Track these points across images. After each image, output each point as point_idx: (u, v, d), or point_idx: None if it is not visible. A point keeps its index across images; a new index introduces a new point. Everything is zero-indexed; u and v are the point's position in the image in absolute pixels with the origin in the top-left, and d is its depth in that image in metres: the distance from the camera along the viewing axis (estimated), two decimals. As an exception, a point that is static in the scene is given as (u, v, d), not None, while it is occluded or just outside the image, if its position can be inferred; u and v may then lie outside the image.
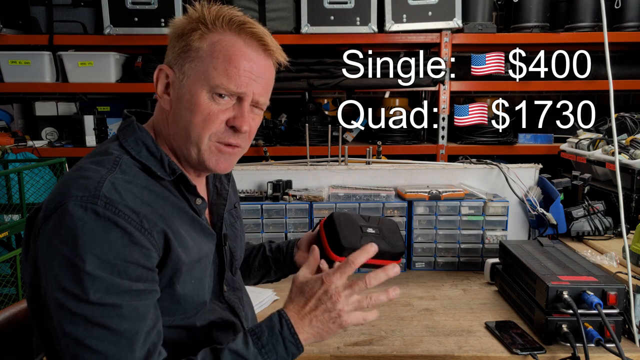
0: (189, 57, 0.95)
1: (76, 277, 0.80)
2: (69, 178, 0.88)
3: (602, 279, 1.36)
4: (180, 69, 0.96)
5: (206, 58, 0.94)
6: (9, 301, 2.18)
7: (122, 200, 0.85)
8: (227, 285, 1.09)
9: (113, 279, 0.81)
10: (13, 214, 2.48)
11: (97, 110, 3.32)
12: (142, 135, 0.97)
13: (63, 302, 0.80)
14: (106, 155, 0.93)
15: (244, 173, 2.08)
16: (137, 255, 0.84)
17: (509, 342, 1.35)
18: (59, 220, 0.82)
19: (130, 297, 0.83)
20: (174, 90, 0.97)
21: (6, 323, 1.21)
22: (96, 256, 0.80)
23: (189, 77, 0.95)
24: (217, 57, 0.93)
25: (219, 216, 1.09)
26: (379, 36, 3.13)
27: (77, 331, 0.80)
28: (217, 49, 0.94)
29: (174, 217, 0.94)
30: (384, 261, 1.11)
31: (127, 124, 0.99)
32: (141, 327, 0.84)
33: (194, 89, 0.94)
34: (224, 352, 0.88)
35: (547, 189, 2.04)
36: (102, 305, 0.80)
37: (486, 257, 1.87)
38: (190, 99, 0.94)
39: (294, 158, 2.49)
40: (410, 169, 2.11)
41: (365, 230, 1.17)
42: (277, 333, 0.90)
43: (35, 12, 3.17)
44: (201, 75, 0.93)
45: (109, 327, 0.81)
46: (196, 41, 0.94)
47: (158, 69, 0.98)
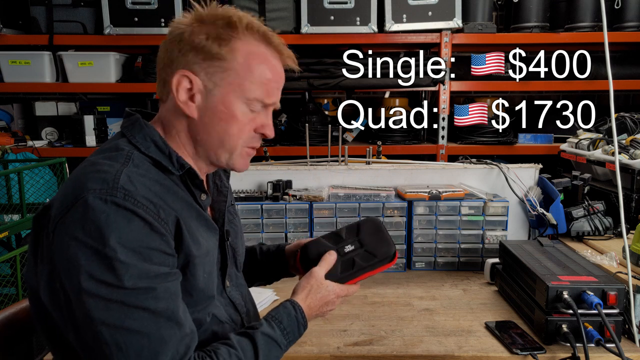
0: (221, 67, 0.96)
1: (108, 266, 0.81)
2: (83, 173, 0.90)
3: (602, 279, 1.36)
4: (210, 78, 0.96)
5: (241, 71, 0.96)
6: (9, 301, 2.18)
7: (138, 191, 0.87)
8: (229, 281, 1.11)
9: (143, 264, 0.84)
10: (13, 214, 2.48)
11: (97, 110, 3.33)
12: (150, 131, 0.99)
13: (95, 291, 0.81)
14: (117, 151, 0.94)
15: (244, 173, 2.08)
16: (158, 242, 0.87)
17: (509, 342, 1.35)
18: (81, 213, 0.83)
19: (161, 280, 0.86)
20: (201, 98, 0.97)
21: (6, 323, 1.21)
22: (123, 245, 0.83)
23: (222, 87, 0.96)
24: (254, 71, 0.97)
25: (220, 212, 1.12)
26: (379, 36, 3.13)
27: (114, 317, 0.82)
28: (253, 63, 0.97)
29: (184, 210, 0.96)
30: (377, 270, 1.17)
31: (132, 122, 1.00)
32: (176, 305, 0.88)
33: (229, 100, 0.97)
34: (257, 335, 0.97)
35: (547, 189, 2.04)
36: (136, 289, 0.83)
37: (486, 257, 1.87)
38: (224, 110, 0.97)
39: (294, 158, 2.48)
40: (410, 169, 2.11)
41: (343, 250, 1.17)
42: (293, 318, 1.05)
43: (35, 12, 3.17)
44: (237, 88, 0.96)
45: (147, 308, 0.83)
46: (228, 51, 0.95)
47: (180, 74, 0.96)
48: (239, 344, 0.95)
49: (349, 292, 1.15)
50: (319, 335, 1.42)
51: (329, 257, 1.15)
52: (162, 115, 1.03)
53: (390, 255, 1.18)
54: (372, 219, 1.24)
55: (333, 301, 1.12)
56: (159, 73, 1.01)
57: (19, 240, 2.65)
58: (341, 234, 1.21)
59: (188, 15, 0.99)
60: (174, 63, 0.97)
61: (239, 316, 1.10)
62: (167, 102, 1.00)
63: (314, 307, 1.10)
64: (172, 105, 0.99)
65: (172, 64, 0.97)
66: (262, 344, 0.96)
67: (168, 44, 0.98)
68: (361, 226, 1.21)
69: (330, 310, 1.14)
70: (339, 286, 1.13)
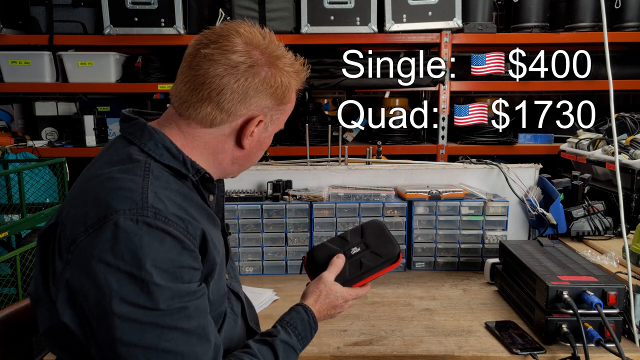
0: (283, 110, 1.03)
1: (144, 290, 0.81)
2: (101, 190, 0.86)
3: (602, 279, 1.36)
4: (271, 118, 1.01)
5: (288, 109, 1.04)
6: (9, 301, 2.18)
7: (167, 208, 0.86)
8: (228, 273, 1.11)
9: (176, 285, 0.84)
10: (13, 214, 2.48)
11: (97, 110, 3.33)
12: (160, 137, 0.96)
13: (128, 315, 0.80)
14: (132, 162, 0.91)
15: (244, 173, 2.04)
16: (189, 260, 0.87)
17: (509, 342, 1.35)
18: (111, 236, 0.81)
19: (191, 297, 0.86)
20: (258, 133, 1.01)
21: (6, 323, 1.21)
22: (158, 267, 0.82)
23: (275, 124, 1.03)
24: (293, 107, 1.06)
25: (219, 207, 1.12)
26: (379, 36, 3.13)
27: (148, 339, 0.81)
28: (294, 101, 1.05)
29: (202, 217, 0.95)
30: (384, 270, 1.19)
31: (139, 128, 0.96)
32: (205, 321, 0.89)
33: (273, 134, 1.05)
34: (277, 343, 1.00)
35: (547, 189, 2.04)
36: (170, 310, 0.83)
37: (486, 257, 1.87)
38: (268, 141, 1.05)
39: (294, 158, 2.48)
40: (410, 169, 2.11)
41: (349, 253, 1.20)
42: (306, 323, 1.08)
43: (35, 12, 3.17)
44: (281, 123, 1.05)
45: (180, 327, 0.84)
46: (290, 98, 1.02)
47: (258, 119, 0.98)
48: (260, 352, 0.97)
49: (358, 294, 1.17)
50: (319, 335, 1.41)
51: (338, 261, 1.17)
52: (197, 134, 0.98)
53: (395, 256, 1.20)
54: (375, 221, 1.26)
55: (341, 305, 1.15)
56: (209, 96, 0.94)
57: (19, 240, 2.65)
58: (346, 237, 1.23)
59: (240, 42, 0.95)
60: (248, 102, 0.96)
61: (239, 304, 1.12)
62: (217, 128, 0.97)
63: (323, 311, 1.13)
64: (223, 133, 0.98)
65: (244, 102, 0.95)
66: (281, 351, 1.00)
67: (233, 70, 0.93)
68: (365, 229, 1.24)
69: (339, 313, 1.16)
70: (348, 290, 1.15)
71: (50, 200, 2.83)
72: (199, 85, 0.93)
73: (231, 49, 0.93)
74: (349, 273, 1.17)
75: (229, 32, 0.95)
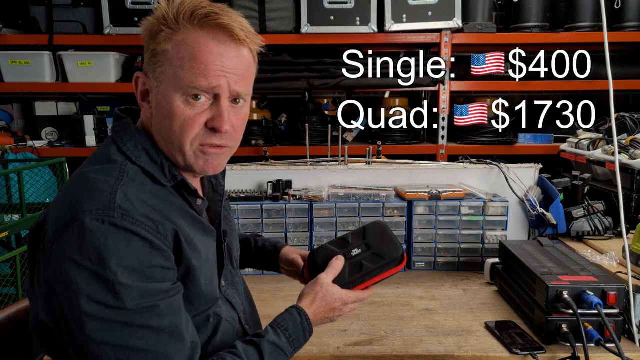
0: (159, 62, 0.92)
1: (109, 289, 0.81)
2: (76, 189, 0.87)
3: (602, 279, 1.36)
4: (154, 75, 0.94)
5: (173, 60, 0.91)
6: (9, 301, 2.18)
7: (136, 209, 0.86)
8: (225, 280, 1.10)
9: (144, 285, 0.84)
10: (13, 214, 2.48)
11: (97, 110, 3.32)
12: (142, 139, 0.96)
13: (96, 313, 0.81)
14: (109, 163, 0.92)
15: (244, 173, 2.08)
16: (159, 259, 0.86)
17: (509, 342, 1.35)
18: (78, 236, 0.82)
19: (163, 296, 0.86)
20: (152, 96, 0.95)
21: (6, 323, 1.22)
22: (124, 267, 0.82)
23: (162, 82, 0.93)
24: (183, 57, 0.90)
25: (216, 213, 1.10)
26: (379, 36, 3.13)
27: (118, 337, 0.81)
28: (182, 49, 0.90)
29: (181, 220, 0.94)
30: (388, 272, 1.15)
31: (123, 127, 0.98)
32: (179, 319, 0.88)
33: (168, 95, 0.91)
34: (264, 344, 0.96)
35: (547, 189, 2.04)
36: (139, 309, 0.83)
37: (486, 257, 1.87)
38: (166, 105, 0.92)
39: (294, 158, 2.49)
40: (410, 169, 2.11)
41: (349, 254, 1.16)
42: (299, 325, 1.04)
43: (35, 12, 3.17)
44: (172, 79, 0.91)
45: (150, 326, 0.83)
46: (162, 44, 0.91)
47: (135, 76, 0.97)
48: (245, 353, 0.95)
49: (358, 298, 1.13)
50: (319, 335, 1.42)
51: (336, 263, 1.13)
52: (146, 119, 1.00)
53: (399, 257, 1.16)
54: (377, 222, 1.23)
55: (340, 308, 1.10)
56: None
57: (19, 240, 2.65)
58: (347, 239, 1.20)
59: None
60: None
61: (236, 314, 1.10)
62: (142, 103, 1.00)
63: (320, 314, 1.08)
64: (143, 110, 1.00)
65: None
66: (268, 352, 0.96)
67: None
68: (367, 230, 1.21)
69: (339, 316, 1.12)
70: (346, 293, 1.11)
71: (50, 200, 2.82)
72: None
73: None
74: (348, 275, 1.13)
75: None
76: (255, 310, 1.22)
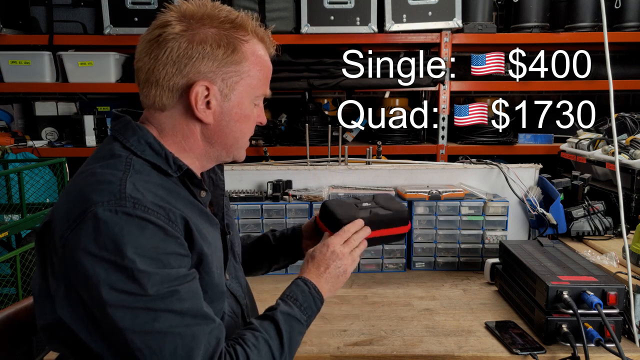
0: (236, 72, 0.97)
1: (130, 276, 0.82)
2: (84, 185, 0.88)
3: (602, 279, 1.36)
4: (226, 83, 0.97)
5: (252, 71, 0.99)
6: (9, 301, 2.18)
7: (146, 198, 0.87)
8: (229, 273, 1.11)
9: (163, 271, 0.85)
10: (13, 214, 2.48)
11: (97, 110, 3.32)
12: (144, 133, 0.97)
13: (119, 302, 0.82)
14: (114, 158, 0.93)
15: (244, 173, 2.08)
16: (174, 246, 0.88)
17: (509, 342, 1.35)
18: (92, 228, 0.83)
19: (181, 281, 0.87)
20: (217, 104, 0.97)
21: (7, 322, 1.22)
22: (140, 254, 0.83)
23: (236, 90, 0.98)
24: (261, 69, 1.01)
25: (219, 206, 1.12)
26: (379, 36, 3.13)
27: (143, 323, 0.83)
28: (259, 61, 1.00)
29: (188, 210, 0.96)
30: (392, 230, 1.23)
31: (123, 124, 0.98)
32: (200, 302, 0.90)
33: (243, 102, 1.00)
34: (277, 315, 1.00)
35: (547, 189, 2.04)
36: (161, 295, 0.84)
37: (486, 257, 1.87)
38: (239, 111, 1.00)
39: (294, 158, 2.48)
40: (410, 169, 2.11)
41: (360, 205, 1.25)
42: (307, 294, 1.06)
43: (35, 12, 3.17)
44: (249, 88, 0.99)
45: (173, 310, 0.85)
46: (241, 57, 0.97)
47: (200, 85, 0.94)
48: (262, 326, 0.97)
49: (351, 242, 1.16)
50: (319, 335, 1.42)
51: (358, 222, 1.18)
52: (161, 121, 0.99)
53: (405, 216, 1.26)
54: (385, 192, 1.36)
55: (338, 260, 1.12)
56: (147, 79, 0.96)
57: (19, 240, 2.65)
58: (357, 197, 1.30)
59: (172, 13, 0.95)
60: (183, 71, 0.93)
61: (239, 308, 1.11)
62: (171, 109, 0.97)
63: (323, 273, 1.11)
64: (179, 112, 0.97)
65: (180, 72, 0.94)
66: (283, 322, 0.99)
67: (158, 47, 0.94)
68: (375, 195, 1.32)
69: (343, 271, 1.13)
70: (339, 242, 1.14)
71: (50, 200, 2.83)
72: (138, 71, 0.98)
73: (156, 24, 0.97)
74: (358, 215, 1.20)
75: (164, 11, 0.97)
76: (255, 306, 1.23)
